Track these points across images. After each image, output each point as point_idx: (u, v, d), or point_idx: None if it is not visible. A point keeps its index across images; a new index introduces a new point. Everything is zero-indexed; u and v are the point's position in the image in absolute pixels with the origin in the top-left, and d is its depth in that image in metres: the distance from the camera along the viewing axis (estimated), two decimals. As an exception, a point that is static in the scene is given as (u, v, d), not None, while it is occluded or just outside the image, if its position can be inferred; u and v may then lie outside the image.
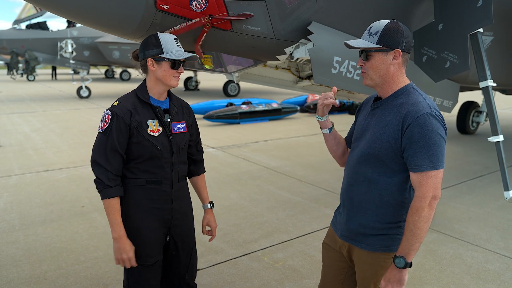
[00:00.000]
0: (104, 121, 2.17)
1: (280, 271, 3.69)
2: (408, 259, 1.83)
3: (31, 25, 18.75)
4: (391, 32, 1.87)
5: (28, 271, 3.62)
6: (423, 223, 1.80)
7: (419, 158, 1.79)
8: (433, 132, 1.78)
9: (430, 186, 1.79)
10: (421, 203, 1.80)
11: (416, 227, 1.80)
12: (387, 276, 1.88)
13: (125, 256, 2.20)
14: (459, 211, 5.26)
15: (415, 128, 1.78)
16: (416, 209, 1.81)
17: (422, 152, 1.78)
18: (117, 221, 2.20)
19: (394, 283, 1.85)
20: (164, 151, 2.25)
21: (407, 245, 1.82)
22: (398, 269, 1.84)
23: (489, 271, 3.77)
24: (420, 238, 1.81)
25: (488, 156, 8.24)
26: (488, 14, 3.23)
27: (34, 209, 5.05)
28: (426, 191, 1.79)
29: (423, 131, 1.77)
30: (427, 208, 1.80)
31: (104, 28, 2.65)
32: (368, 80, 1.97)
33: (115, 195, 2.18)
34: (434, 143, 1.78)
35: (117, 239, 2.19)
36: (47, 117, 12.36)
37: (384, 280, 1.89)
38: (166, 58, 2.13)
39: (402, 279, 1.85)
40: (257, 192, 5.87)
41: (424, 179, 1.80)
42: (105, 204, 2.18)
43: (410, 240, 1.81)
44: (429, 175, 1.79)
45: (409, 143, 1.81)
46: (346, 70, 3.40)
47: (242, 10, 2.86)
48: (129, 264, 2.23)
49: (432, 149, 1.78)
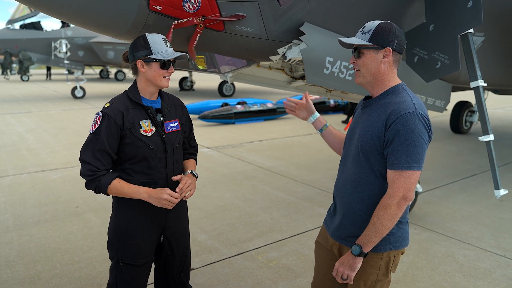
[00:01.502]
0: (95, 122, 2.17)
1: (274, 270, 3.72)
2: (364, 249, 1.89)
3: (25, 25, 18.66)
4: (383, 31, 1.90)
5: (22, 272, 3.62)
6: (387, 220, 1.84)
7: (396, 156, 1.81)
8: (413, 132, 1.78)
9: (401, 186, 1.81)
10: (390, 200, 1.83)
11: (379, 222, 1.84)
12: (342, 259, 1.97)
13: (166, 196, 2.15)
14: (452, 210, 5.30)
15: (397, 126, 1.80)
16: (383, 205, 1.84)
17: (399, 151, 1.79)
18: (134, 189, 2.16)
19: (345, 267, 1.94)
20: (157, 151, 2.25)
21: (367, 236, 1.88)
22: (353, 256, 1.91)
23: (480, 269, 3.82)
24: (380, 234, 1.85)
25: (481, 155, 8.30)
26: (478, 15, 3.26)
27: (28, 210, 5.05)
28: (397, 189, 1.81)
29: (404, 130, 1.78)
30: (395, 207, 1.82)
31: (97, 29, 2.66)
32: (360, 78, 2.00)
33: (114, 176, 2.16)
34: (413, 144, 1.78)
35: (147, 196, 2.16)
36: (41, 118, 12.32)
37: (339, 262, 1.98)
38: (156, 59, 2.13)
39: (355, 266, 1.93)
40: (252, 192, 5.90)
41: (397, 178, 1.81)
42: (112, 190, 2.15)
43: (370, 233, 1.87)
44: (403, 175, 1.80)
45: (390, 141, 1.82)
46: (339, 70, 3.43)
47: (235, 11, 2.87)
48: (176, 199, 2.18)
49: (410, 149, 1.78)
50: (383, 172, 1.92)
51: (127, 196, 2.18)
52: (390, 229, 1.88)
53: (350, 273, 1.94)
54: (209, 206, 5.27)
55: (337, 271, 1.98)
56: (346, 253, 1.97)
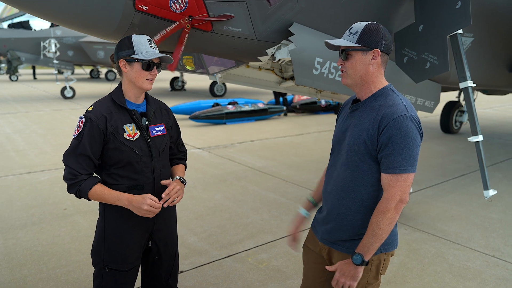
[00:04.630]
0: (78, 127, 2.14)
1: (264, 272, 3.69)
2: (365, 258, 1.85)
3: (13, 24, 18.50)
4: (370, 32, 1.88)
5: (7, 276, 3.56)
6: (386, 225, 1.82)
7: (391, 160, 1.79)
8: (407, 135, 1.78)
9: (398, 189, 1.80)
10: (387, 205, 1.81)
11: (379, 227, 1.82)
12: (342, 269, 1.90)
13: (145, 207, 2.10)
14: (442, 209, 5.32)
15: (390, 130, 1.78)
16: (381, 210, 1.82)
17: (394, 154, 1.78)
18: (115, 196, 2.12)
19: (347, 278, 1.88)
20: (143, 155, 2.21)
21: (367, 244, 1.84)
22: (354, 265, 1.86)
23: (470, 269, 3.82)
24: (380, 239, 1.83)
25: (471, 155, 8.35)
26: (466, 16, 3.27)
27: (14, 212, 4.97)
28: (394, 193, 1.80)
29: (398, 133, 1.77)
30: (393, 211, 1.81)
31: (82, 29, 2.62)
32: (347, 79, 1.97)
33: (95, 182, 2.13)
34: (407, 146, 1.78)
35: (128, 203, 2.11)
36: (30, 118, 12.17)
37: (339, 272, 1.91)
38: (137, 59, 2.09)
39: (357, 276, 1.88)
40: (242, 193, 5.87)
41: (393, 181, 1.80)
42: (93, 195, 2.12)
43: (370, 240, 1.83)
44: (399, 178, 1.80)
45: (384, 145, 1.80)
46: (328, 71, 3.41)
47: (223, 11, 2.85)
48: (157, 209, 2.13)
49: (405, 152, 1.78)
50: (374, 176, 1.90)
51: (108, 202, 2.15)
52: (389, 233, 1.86)
53: (352, 283, 1.88)
54: (199, 207, 5.23)
55: (338, 281, 1.92)
56: (345, 263, 1.91)
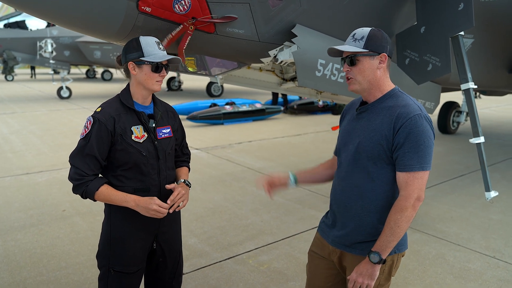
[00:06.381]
0: (85, 127, 2.13)
1: (265, 274, 3.68)
2: (383, 256, 1.86)
3: (9, 24, 18.35)
4: (376, 37, 1.91)
5: (7, 278, 3.53)
6: (404, 222, 1.84)
7: (408, 158, 1.82)
8: (423, 133, 1.81)
9: (416, 187, 1.83)
10: (406, 203, 1.83)
11: (397, 225, 1.83)
12: (359, 269, 1.91)
13: (154, 207, 2.10)
14: (442, 210, 5.33)
15: (407, 129, 1.81)
16: (400, 208, 1.84)
17: (411, 153, 1.81)
18: (122, 197, 2.12)
19: (365, 277, 1.89)
20: (149, 157, 2.21)
21: (385, 242, 1.85)
22: (372, 264, 1.87)
23: (470, 270, 3.83)
24: (398, 237, 1.85)
25: (469, 155, 8.38)
26: (469, 17, 3.27)
27: (13, 214, 4.93)
28: (412, 191, 1.83)
29: (414, 132, 1.81)
30: (411, 209, 1.83)
31: (85, 31, 2.60)
32: (355, 85, 1.97)
33: (101, 182, 2.12)
34: (424, 145, 1.81)
35: (135, 205, 2.11)
36: (27, 118, 12.10)
37: (356, 272, 1.91)
38: (147, 61, 2.09)
39: (374, 274, 1.89)
40: (241, 193, 5.85)
41: (411, 179, 1.83)
42: (99, 196, 2.11)
43: (388, 238, 1.85)
44: (416, 176, 1.82)
45: (400, 144, 1.83)
46: (330, 72, 3.40)
47: (226, 12, 2.83)
48: (164, 210, 2.13)
49: (421, 150, 1.81)
50: (389, 175, 1.92)
51: (114, 203, 2.14)
52: (405, 231, 1.89)
53: (370, 282, 1.90)
54: (198, 209, 5.21)
55: (355, 282, 1.92)
56: (362, 262, 1.92)
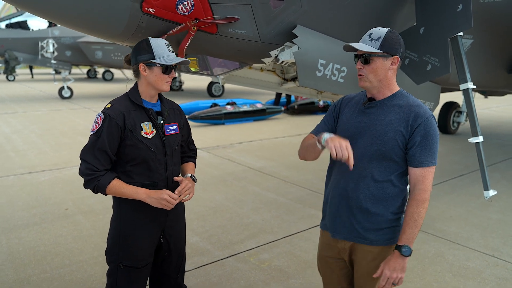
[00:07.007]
0: (96, 123, 2.18)
1: (266, 272, 3.72)
2: (412, 247, 2.00)
3: (11, 24, 18.40)
4: (391, 39, 2.00)
5: (11, 276, 3.57)
6: (424, 213, 2.01)
7: (425, 154, 1.99)
8: (436, 132, 2.01)
9: (430, 180, 2.02)
10: (425, 195, 2.00)
11: (420, 217, 1.99)
12: (391, 265, 1.99)
13: (165, 197, 2.18)
14: (441, 210, 5.37)
15: (425, 128, 1.98)
16: (421, 200, 1.99)
17: (427, 150, 1.99)
18: (133, 190, 2.19)
19: (398, 271, 1.99)
20: (157, 153, 2.27)
21: (411, 234, 1.99)
22: (403, 257, 1.98)
23: (469, 268, 3.87)
24: (420, 227, 2.01)
25: (468, 155, 8.42)
26: (468, 18, 3.31)
27: (16, 212, 4.98)
28: (429, 184, 2.01)
29: (430, 131, 1.99)
30: (428, 201, 2.02)
31: (88, 30, 2.63)
32: (366, 82, 2.06)
33: (112, 177, 2.18)
34: (436, 142, 2.01)
35: (146, 197, 2.18)
36: (28, 118, 12.15)
37: (388, 269, 1.99)
38: (158, 63, 2.15)
39: (405, 267, 2.01)
40: (242, 193, 5.89)
41: (427, 174, 2.01)
42: (111, 190, 2.17)
43: (413, 230, 1.99)
44: (430, 170, 2.01)
45: (418, 141, 1.98)
46: (331, 73, 3.44)
47: (228, 13, 2.87)
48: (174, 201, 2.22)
49: (434, 147, 2.01)
50: (399, 166, 2.05)
51: (125, 196, 2.20)
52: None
53: (402, 275, 2.01)
54: (200, 208, 5.26)
55: (389, 278, 2.00)
56: (393, 258, 2.00)
